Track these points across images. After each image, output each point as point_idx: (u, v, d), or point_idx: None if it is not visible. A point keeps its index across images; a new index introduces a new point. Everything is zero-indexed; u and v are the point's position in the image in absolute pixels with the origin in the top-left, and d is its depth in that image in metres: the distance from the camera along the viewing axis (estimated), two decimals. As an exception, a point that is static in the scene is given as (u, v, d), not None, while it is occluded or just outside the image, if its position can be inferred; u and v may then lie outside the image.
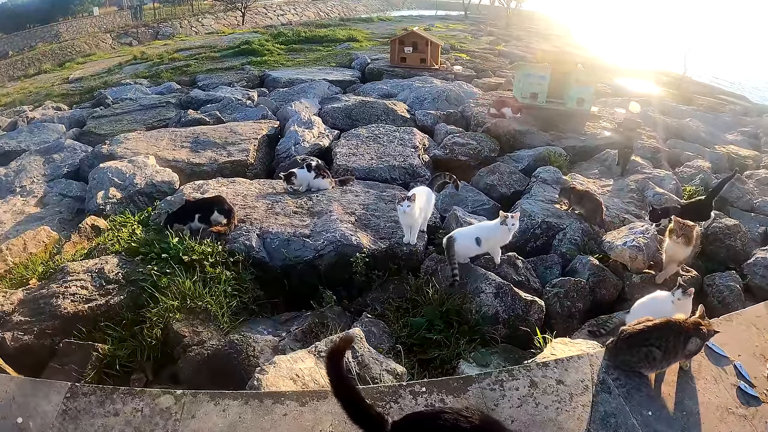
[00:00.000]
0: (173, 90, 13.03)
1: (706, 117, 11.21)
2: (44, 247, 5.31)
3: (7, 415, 2.63)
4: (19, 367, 3.44)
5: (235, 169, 6.98)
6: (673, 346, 2.78)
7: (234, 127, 8.34)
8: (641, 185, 6.55)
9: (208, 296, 3.92)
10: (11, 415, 2.62)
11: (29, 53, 25.90)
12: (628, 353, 2.87)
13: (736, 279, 4.72)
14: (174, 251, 4.32)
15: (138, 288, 4.05)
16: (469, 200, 6.08)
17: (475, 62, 15.84)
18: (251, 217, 5.18)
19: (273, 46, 18.61)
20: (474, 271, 4.24)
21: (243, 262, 4.43)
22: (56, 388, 2.77)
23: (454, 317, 3.90)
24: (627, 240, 4.76)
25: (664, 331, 2.79)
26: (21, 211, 6.53)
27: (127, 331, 3.74)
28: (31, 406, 2.67)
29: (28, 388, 2.79)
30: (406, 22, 29.59)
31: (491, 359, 3.60)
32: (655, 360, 2.79)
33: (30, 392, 2.76)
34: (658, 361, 2.79)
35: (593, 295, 4.44)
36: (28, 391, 2.77)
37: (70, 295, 3.98)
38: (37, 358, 3.59)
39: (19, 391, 2.77)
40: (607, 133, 8.67)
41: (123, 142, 7.77)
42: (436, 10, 49.77)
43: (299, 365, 2.92)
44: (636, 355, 2.83)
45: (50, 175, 7.55)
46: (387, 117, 9.00)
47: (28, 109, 12.41)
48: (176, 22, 33.53)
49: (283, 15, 41.81)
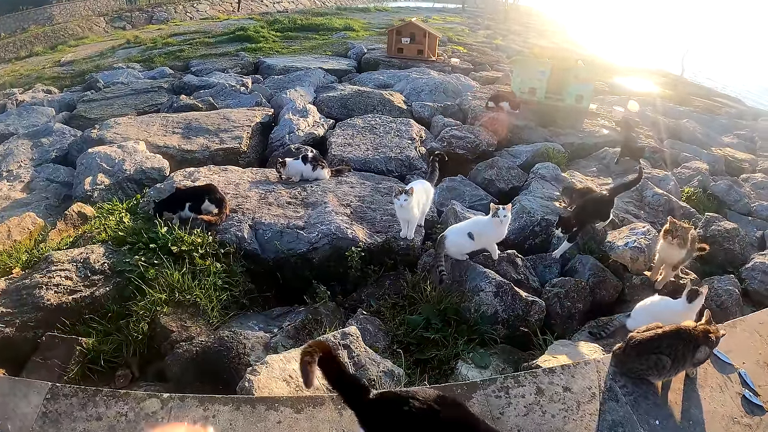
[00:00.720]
0: (166, 75, 12.81)
1: (702, 118, 11.21)
2: (29, 234, 5.18)
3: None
4: (0, 360, 3.32)
5: (227, 157, 6.83)
6: (682, 354, 2.72)
7: (227, 113, 8.17)
8: (640, 185, 6.47)
9: (198, 289, 3.80)
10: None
11: (21, 35, 25.50)
12: (637, 361, 2.79)
13: (735, 283, 4.64)
14: (162, 241, 4.18)
15: (124, 279, 3.91)
16: (467, 195, 5.98)
17: (472, 55, 15.74)
18: (243, 207, 5.04)
19: (268, 33, 18.38)
20: (473, 268, 4.13)
21: (234, 254, 4.31)
22: (36, 389, 2.63)
23: (452, 316, 3.80)
24: (628, 241, 4.68)
25: (674, 339, 2.72)
26: (6, 197, 6.38)
27: (112, 325, 3.63)
28: (10, 407, 2.53)
29: (6, 388, 2.63)
30: (404, 13, 29.42)
31: (490, 360, 3.52)
32: (664, 368, 2.72)
33: (8, 392, 2.61)
34: (668, 369, 2.72)
35: (593, 295, 4.34)
36: (6, 390, 2.62)
37: (53, 285, 3.85)
38: (19, 352, 3.47)
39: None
40: (606, 131, 8.60)
41: (113, 126, 7.60)
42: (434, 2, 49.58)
43: (292, 365, 2.80)
44: (645, 363, 2.75)
45: (38, 159, 7.38)
46: (383, 107, 8.85)
47: (17, 92, 12.23)
48: (171, 7, 33.14)
49: (279, 2, 41.43)
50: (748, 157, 8.76)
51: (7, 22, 27.12)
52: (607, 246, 4.82)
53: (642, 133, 8.74)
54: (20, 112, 9.79)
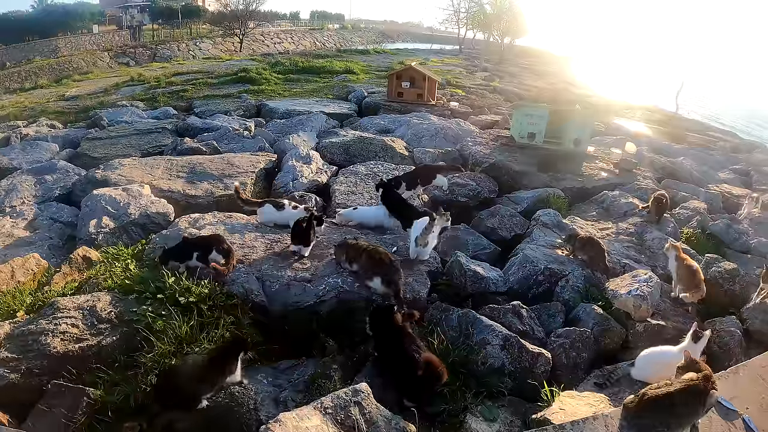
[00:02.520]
0: (170, 115, 13.04)
1: (698, 155, 11.41)
2: (33, 276, 5.21)
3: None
4: (4, 407, 3.31)
5: (231, 203, 6.78)
6: (694, 408, 2.73)
7: (231, 158, 8.29)
8: (640, 229, 6.55)
9: (206, 342, 3.78)
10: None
11: (26, 66, 26.01)
12: (650, 417, 2.79)
13: (737, 324, 4.71)
14: (170, 291, 4.18)
15: (132, 329, 3.90)
16: (470, 244, 6.01)
17: (470, 98, 16.06)
18: (250, 258, 5.05)
19: (270, 75, 18.78)
20: (480, 322, 4.15)
21: (242, 306, 4.29)
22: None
23: (460, 369, 3.81)
24: (631, 289, 4.73)
25: (688, 396, 2.75)
26: (10, 234, 6.41)
27: (120, 375, 3.59)
28: None
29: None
30: (403, 55, 30.08)
31: (498, 413, 3.54)
32: (680, 427, 2.72)
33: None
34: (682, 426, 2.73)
35: (597, 344, 4.37)
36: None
37: (60, 333, 3.83)
38: (24, 398, 3.45)
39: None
40: (604, 174, 8.73)
41: (117, 168, 7.69)
42: (431, 43, 50.72)
43: (305, 423, 2.79)
44: (659, 419, 2.76)
45: (41, 196, 7.45)
46: (385, 154, 9.00)
47: (21, 125, 12.40)
48: (174, 45, 33.85)
49: (280, 43, 42.41)
50: (744, 192, 8.89)
51: (13, 53, 27.68)
52: (609, 294, 4.87)
53: (640, 174, 8.88)
54: (24, 146, 9.91)
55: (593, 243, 5.50)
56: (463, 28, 47.70)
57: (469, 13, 46.37)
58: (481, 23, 45.61)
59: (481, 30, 47.90)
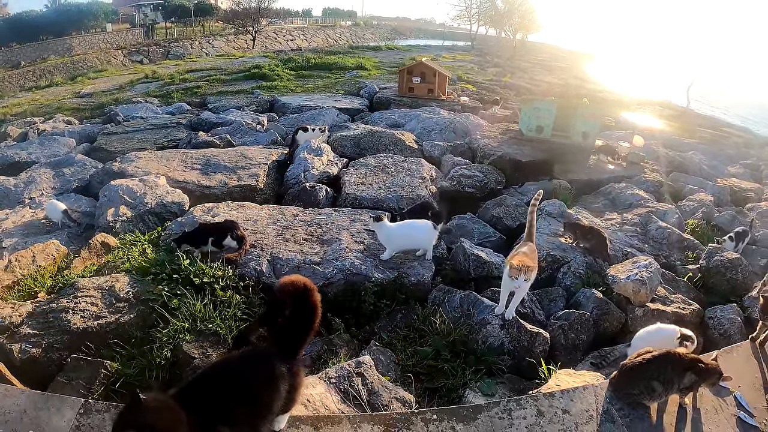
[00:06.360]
0: (184, 111, 13.24)
1: (708, 150, 11.39)
2: (53, 260, 5.35)
3: (18, 428, 2.60)
4: (25, 379, 3.44)
5: (244, 193, 7.04)
6: (671, 377, 2.82)
7: (244, 151, 8.47)
8: (644, 219, 6.63)
9: (218, 319, 3.95)
10: (23, 429, 2.59)
11: (41, 64, 26.35)
12: (629, 386, 2.91)
13: (738, 312, 4.80)
14: (185, 273, 4.36)
15: (148, 308, 4.08)
16: (476, 232, 6.16)
17: (481, 93, 16.11)
18: (261, 243, 5.23)
19: (283, 71, 18.93)
20: (480, 302, 4.29)
21: (253, 286, 4.47)
22: (69, 404, 2.75)
23: (460, 347, 3.95)
24: (630, 274, 4.84)
25: (662, 363, 2.84)
26: (30, 223, 6.56)
27: (136, 350, 3.76)
28: (43, 420, 2.65)
29: (41, 402, 2.76)
30: (414, 51, 30.09)
31: (496, 389, 3.65)
32: (654, 392, 2.83)
33: (42, 406, 2.73)
34: (658, 393, 2.84)
35: (597, 327, 4.49)
36: (41, 405, 2.74)
37: (80, 311, 4.01)
38: (44, 372, 3.61)
39: (30, 404, 2.74)
40: (611, 167, 8.80)
41: (134, 160, 7.87)
42: (443, 40, 50.57)
43: (310, 390, 2.96)
44: (637, 388, 2.87)
45: (59, 188, 7.64)
46: (395, 147, 9.11)
47: (38, 121, 12.61)
48: (187, 43, 34.07)
49: (292, 40, 42.55)
50: (753, 186, 8.94)
51: (28, 51, 27.99)
52: (610, 279, 4.98)
53: (647, 167, 8.94)
54: (42, 141, 10.12)
55: (595, 231, 5.61)
56: (475, 24, 47.59)
57: (481, 9, 46.23)
58: (493, 19, 45.45)
59: (493, 26, 47.74)
